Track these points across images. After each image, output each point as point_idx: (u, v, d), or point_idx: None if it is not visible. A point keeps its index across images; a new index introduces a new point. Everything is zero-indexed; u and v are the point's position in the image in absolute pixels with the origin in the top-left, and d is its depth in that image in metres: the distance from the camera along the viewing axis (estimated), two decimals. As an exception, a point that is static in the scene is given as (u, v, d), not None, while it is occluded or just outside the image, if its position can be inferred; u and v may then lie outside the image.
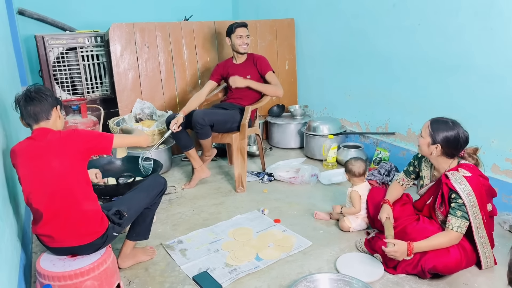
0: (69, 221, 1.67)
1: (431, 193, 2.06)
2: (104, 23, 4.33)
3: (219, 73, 3.26)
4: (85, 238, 1.69)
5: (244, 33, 3.15)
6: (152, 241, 2.33)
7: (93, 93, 4.21)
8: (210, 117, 2.90)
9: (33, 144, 1.68)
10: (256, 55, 3.27)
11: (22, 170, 1.68)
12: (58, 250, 1.72)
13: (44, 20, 4.60)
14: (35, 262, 2.08)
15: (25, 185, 1.68)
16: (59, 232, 1.68)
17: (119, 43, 3.48)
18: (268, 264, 2.10)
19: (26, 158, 1.67)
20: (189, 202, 2.89)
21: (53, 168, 1.64)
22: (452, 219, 1.86)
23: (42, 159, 1.65)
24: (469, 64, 2.61)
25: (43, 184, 1.65)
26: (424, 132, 1.96)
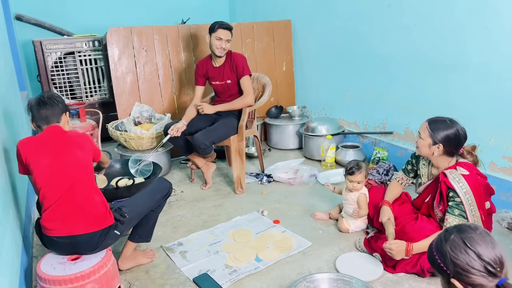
0: (79, 206, 1.73)
1: (429, 191, 2.07)
2: (101, 27, 4.35)
3: (201, 75, 3.17)
4: (89, 226, 1.72)
5: (225, 36, 2.97)
6: (152, 243, 2.33)
7: (92, 97, 4.23)
8: (210, 138, 2.90)
9: (52, 138, 1.80)
10: (234, 55, 3.10)
11: (39, 161, 1.75)
12: (60, 244, 1.74)
13: (42, 25, 4.62)
14: (35, 266, 2.09)
15: (41, 175, 1.74)
16: (68, 216, 1.72)
17: (116, 47, 3.50)
18: (268, 265, 2.11)
19: (46, 149, 1.77)
20: (189, 204, 2.90)
21: (77, 156, 1.79)
22: (450, 217, 1.87)
23: (66, 148, 1.79)
24: (465, 62, 2.63)
25: (62, 171, 1.74)
26: (423, 133, 1.95)
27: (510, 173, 2.49)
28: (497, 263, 1.00)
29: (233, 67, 3.07)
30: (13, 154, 2.20)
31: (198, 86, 3.20)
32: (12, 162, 2.18)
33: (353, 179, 2.36)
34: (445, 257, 1.04)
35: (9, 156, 2.15)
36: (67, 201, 1.72)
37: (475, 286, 1.00)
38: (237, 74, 3.06)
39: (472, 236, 1.03)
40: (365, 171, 2.37)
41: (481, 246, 1.01)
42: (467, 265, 1.00)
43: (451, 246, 1.04)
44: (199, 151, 2.91)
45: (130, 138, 3.15)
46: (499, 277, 0.99)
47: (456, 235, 1.05)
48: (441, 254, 1.06)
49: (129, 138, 3.15)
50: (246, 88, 3.06)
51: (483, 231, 1.05)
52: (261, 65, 4.16)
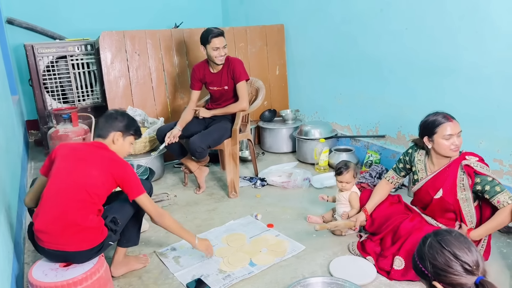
0: (75, 225, 1.70)
1: (437, 185, 2.04)
2: (94, 31, 4.33)
3: (197, 79, 3.14)
4: (83, 245, 1.71)
5: (221, 44, 2.92)
6: (145, 249, 2.32)
7: (84, 102, 4.21)
8: (206, 142, 2.90)
9: (85, 149, 1.84)
10: (232, 60, 3.06)
11: (60, 165, 1.76)
12: (52, 254, 1.72)
13: (34, 29, 4.59)
14: (27, 273, 2.07)
15: (52, 178, 1.74)
16: (60, 233, 1.69)
17: (109, 51, 3.48)
18: (262, 269, 2.10)
19: (71, 155, 1.79)
20: (182, 209, 2.89)
21: (90, 174, 1.75)
22: (500, 196, 1.86)
23: (85, 163, 1.77)
24: (456, 66, 2.66)
25: (71, 183, 1.72)
26: (459, 125, 1.96)
27: (500, 176, 2.52)
28: (473, 262, 1.04)
29: (230, 71, 3.04)
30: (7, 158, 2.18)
31: (194, 91, 3.17)
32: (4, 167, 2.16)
33: (342, 179, 2.39)
34: (424, 260, 1.10)
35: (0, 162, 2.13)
36: (63, 215, 1.68)
37: (454, 286, 1.05)
38: (234, 79, 3.04)
39: (447, 238, 1.09)
40: (353, 171, 2.39)
41: (456, 246, 1.06)
42: (444, 265, 1.05)
43: (429, 248, 1.10)
44: (195, 155, 2.90)
45: (123, 143, 3.13)
46: (476, 275, 1.02)
47: (433, 238, 1.12)
48: (421, 258, 1.12)
49: (122, 143, 3.13)
50: (241, 93, 3.04)
51: (457, 233, 1.12)
52: (254, 69, 4.17)
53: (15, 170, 2.70)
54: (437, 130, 1.96)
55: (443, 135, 1.94)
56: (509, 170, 2.48)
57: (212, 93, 3.21)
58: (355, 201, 2.38)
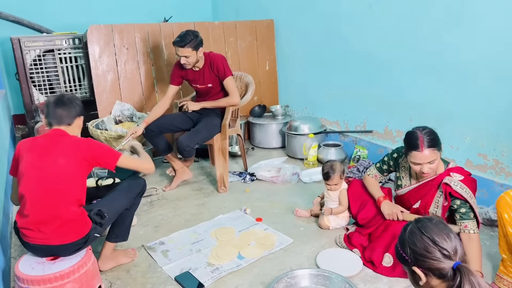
0: (56, 219, 1.69)
1: (417, 196, 2.09)
2: (81, 24, 4.28)
3: (178, 75, 3.09)
4: (67, 238, 1.70)
5: (182, 53, 2.84)
6: (134, 243, 2.33)
7: (72, 96, 4.16)
8: (195, 140, 2.89)
9: (46, 141, 1.77)
10: (213, 57, 3.01)
11: (25, 161, 1.73)
12: (37, 249, 1.71)
13: (20, 22, 4.52)
14: (14, 267, 2.06)
15: (24, 176, 1.71)
16: (44, 228, 1.68)
17: (97, 45, 3.45)
18: (250, 262, 2.12)
19: (34, 151, 1.74)
20: (171, 204, 2.89)
21: (58, 165, 1.72)
22: (469, 223, 1.90)
23: (50, 155, 1.73)
24: (442, 62, 2.70)
25: (43, 178, 1.70)
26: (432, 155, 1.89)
27: (484, 170, 2.57)
28: (451, 248, 1.08)
29: (213, 69, 3.01)
30: (-11, 153, 2.16)
31: (173, 86, 3.09)
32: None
33: (330, 182, 2.41)
34: (405, 246, 1.14)
35: (-14, 155, 2.11)
36: (43, 211, 1.67)
37: (433, 270, 1.08)
38: (218, 76, 3.02)
39: (427, 225, 1.13)
40: (339, 172, 2.41)
41: (435, 233, 1.10)
42: (424, 250, 1.09)
43: (409, 235, 1.14)
44: (183, 154, 2.90)
45: (110, 137, 3.12)
46: (454, 260, 1.06)
47: (414, 225, 1.16)
48: (402, 244, 1.16)
49: (110, 137, 3.12)
50: (230, 89, 3.03)
51: (438, 221, 1.15)
52: (244, 64, 4.17)
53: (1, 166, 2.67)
54: (408, 153, 1.95)
55: (412, 161, 1.95)
56: (493, 164, 2.53)
57: (197, 90, 3.19)
58: (344, 199, 2.40)
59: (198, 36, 2.89)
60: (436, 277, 1.08)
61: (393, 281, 1.93)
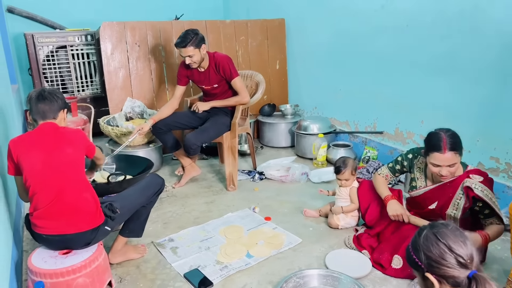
0: (70, 205, 1.72)
1: (433, 197, 2.05)
2: (94, 21, 4.32)
3: (184, 75, 3.10)
4: (80, 226, 1.72)
5: (185, 53, 2.85)
6: (143, 239, 2.34)
7: (83, 92, 4.21)
8: (202, 139, 2.90)
9: (44, 135, 1.78)
10: (218, 58, 2.99)
11: (30, 159, 1.73)
12: (50, 240, 1.74)
13: (34, 18, 4.57)
14: (26, 260, 2.09)
15: (32, 173, 1.72)
16: (59, 216, 1.71)
17: (109, 42, 3.48)
18: (259, 261, 2.13)
19: (36, 147, 1.75)
20: (180, 201, 2.91)
21: (67, 154, 1.76)
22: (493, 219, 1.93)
23: (56, 147, 1.76)
24: (454, 65, 2.67)
25: (54, 169, 1.73)
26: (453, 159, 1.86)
27: (497, 174, 2.55)
28: (467, 255, 1.05)
29: (219, 71, 2.99)
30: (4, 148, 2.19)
31: (180, 86, 3.10)
32: (3, 156, 2.17)
33: (341, 177, 2.41)
34: (418, 251, 1.11)
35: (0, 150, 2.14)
36: (57, 200, 1.71)
37: (447, 278, 1.06)
38: (225, 77, 3.01)
39: (444, 231, 1.10)
40: (351, 168, 2.41)
41: (451, 239, 1.07)
42: (439, 257, 1.07)
43: (424, 240, 1.11)
44: (190, 151, 2.91)
45: (121, 134, 3.14)
46: (470, 269, 1.04)
47: (429, 230, 1.13)
48: (415, 249, 1.13)
49: (121, 134, 3.14)
50: (239, 88, 3.03)
51: (454, 227, 1.13)
52: (254, 63, 4.17)
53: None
54: (429, 154, 1.92)
55: (431, 162, 1.92)
56: (505, 168, 2.51)
57: (203, 91, 3.20)
58: (355, 196, 2.40)
59: (199, 34, 2.90)
60: (450, 285, 1.06)
61: (402, 283, 1.92)
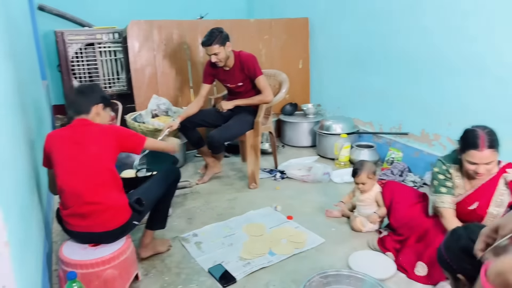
0: (97, 206, 1.75)
1: (473, 199, 1.97)
2: (120, 19, 4.40)
3: (210, 74, 3.14)
4: (109, 225, 1.77)
5: (211, 52, 2.91)
6: (168, 233, 2.39)
7: (110, 89, 4.30)
8: (224, 136, 2.95)
9: (74, 131, 1.82)
10: (242, 57, 3.04)
11: (59, 154, 1.78)
12: (81, 236, 1.79)
13: (63, 16, 4.69)
14: (56, 251, 2.16)
15: (60, 169, 1.77)
16: (87, 217, 1.75)
17: (137, 40, 3.55)
18: (281, 259, 2.14)
19: (66, 143, 1.79)
20: (203, 197, 2.95)
21: (91, 153, 1.77)
22: None
23: (82, 144, 1.78)
24: (485, 66, 2.61)
25: (79, 168, 1.76)
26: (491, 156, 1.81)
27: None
28: None
29: (244, 69, 3.03)
30: (37, 142, 2.27)
31: (205, 84, 3.15)
32: (36, 150, 2.25)
33: (357, 180, 2.41)
34: (450, 251, 1.13)
35: (34, 144, 2.21)
36: (84, 200, 1.74)
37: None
38: (249, 76, 3.04)
39: (478, 233, 1.09)
40: (367, 171, 2.38)
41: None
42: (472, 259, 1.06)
43: (457, 241, 1.12)
44: (213, 149, 2.95)
45: (147, 130, 3.20)
46: None
47: (463, 232, 1.15)
48: (447, 249, 1.15)
49: (147, 130, 3.20)
50: (263, 87, 3.05)
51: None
52: (277, 62, 4.18)
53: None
54: (466, 151, 1.86)
55: (468, 160, 1.86)
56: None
57: (229, 89, 3.24)
58: (381, 200, 2.37)
59: (223, 32, 2.95)
60: None
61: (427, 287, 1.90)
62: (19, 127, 1.73)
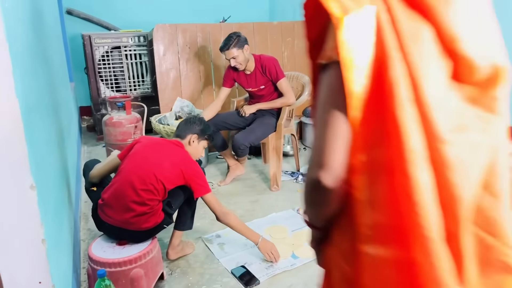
0: (132, 212, 1.82)
1: None
2: (145, 23, 4.50)
3: (231, 78, 3.17)
4: (140, 226, 1.84)
5: (229, 56, 2.94)
6: (192, 234, 2.42)
7: (135, 91, 4.39)
8: (249, 139, 2.96)
9: (163, 143, 2.00)
10: (264, 60, 3.05)
11: (137, 149, 1.92)
12: (112, 230, 1.86)
13: (90, 20, 4.83)
14: (84, 249, 2.23)
15: (126, 161, 1.90)
16: (122, 214, 1.82)
17: (162, 43, 3.61)
18: (304, 262, 2.14)
19: (150, 146, 1.94)
20: (225, 198, 2.97)
21: (163, 164, 1.86)
22: None
23: (161, 153, 1.91)
24: None
25: (143, 167, 1.85)
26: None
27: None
28: None
29: (265, 72, 3.04)
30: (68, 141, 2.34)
31: (225, 88, 3.17)
32: (66, 149, 2.32)
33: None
34: None
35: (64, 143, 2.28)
36: (125, 200, 1.81)
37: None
38: (271, 78, 3.05)
39: None
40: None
41: None
42: None
43: None
44: (238, 152, 2.98)
45: (171, 132, 3.25)
46: None
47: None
48: None
49: (171, 132, 3.25)
50: (285, 90, 3.06)
51: None
52: (299, 64, 4.18)
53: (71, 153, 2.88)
54: None
55: None
56: None
57: (250, 93, 3.26)
58: None
59: (241, 36, 2.97)
60: None
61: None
62: (53, 127, 1.79)
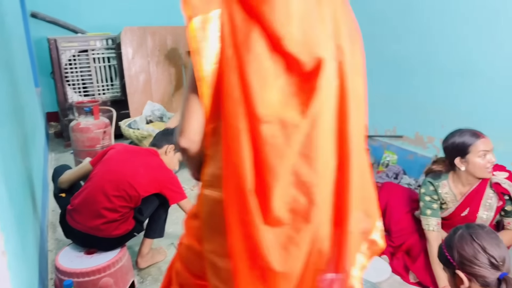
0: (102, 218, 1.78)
1: (465, 205, 1.97)
2: (114, 26, 4.41)
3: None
4: (110, 234, 1.80)
5: None
6: (164, 240, 2.38)
7: (104, 95, 4.29)
8: None
9: (138, 151, 2.01)
10: None
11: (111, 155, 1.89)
12: (80, 236, 1.81)
13: (56, 23, 4.69)
14: (51, 260, 2.15)
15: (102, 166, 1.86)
16: (91, 220, 1.78)
17: (130, 46, 3.55)
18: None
19: (124, 153, 1.91)
20: (199, 203, 2.94)
21: (138, 171, 1.84)
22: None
23: (136, 160, 1.89)
24: (476, 69, 2.65)
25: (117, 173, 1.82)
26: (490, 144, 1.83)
27: (519, 180, 2.51)
28: (500, 257, 1.08)
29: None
30: (33, 148, 2.25)
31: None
32: (30, 158, 2.24)
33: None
34: (452, 249, 1.15)
35: (28, 150, 2.20)
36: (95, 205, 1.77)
37: (477, 277, 1.10)
38: None
39: (479, 232, 1.13)
40: None
41: (486, 241, 1.11)
42: (472, 256, 1.10)
43: (459, 239, 1.15)
44: None
45: (142, 136, 3.20)
46: (501, 270, 1.08)
47: (465, 230, 1.17)
48: (449, 247, 1.17)
49: (141, 136, 3.20)
50: None
51: (489, 230, 1.16)
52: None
53: (37, 162, 2.78)
54: (470, 149, 1.81)
55: (478, 153, 1.80)
56: (528, 174, 2.47)
57: None
58: None
59: None
60: (480, 284, 1.09)
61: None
62: (14, 134, 1.72)
